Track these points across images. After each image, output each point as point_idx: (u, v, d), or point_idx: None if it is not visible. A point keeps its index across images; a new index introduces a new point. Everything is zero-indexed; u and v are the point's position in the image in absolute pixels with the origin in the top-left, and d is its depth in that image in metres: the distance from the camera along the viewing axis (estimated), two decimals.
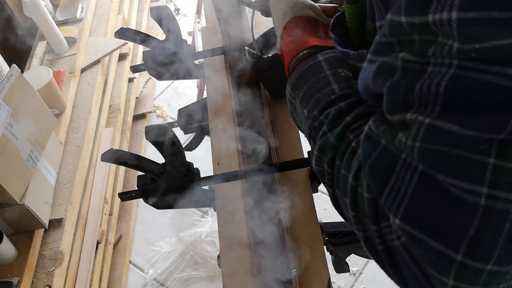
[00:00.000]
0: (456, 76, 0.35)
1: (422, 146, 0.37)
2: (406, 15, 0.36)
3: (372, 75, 0.43)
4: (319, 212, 0.82)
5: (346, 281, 1.77)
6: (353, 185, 0.47)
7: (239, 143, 0.93)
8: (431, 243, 0.38)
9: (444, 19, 0.34)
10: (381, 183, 0.42)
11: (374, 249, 0.46)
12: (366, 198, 0.45)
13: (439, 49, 0.35)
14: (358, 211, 0.47)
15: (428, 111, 0.37)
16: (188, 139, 2.00)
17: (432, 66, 0.36)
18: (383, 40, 0.41)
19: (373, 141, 0.44)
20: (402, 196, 0.40)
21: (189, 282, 1.83)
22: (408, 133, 0.38)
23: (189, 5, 3.00)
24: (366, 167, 0.44)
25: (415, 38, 0.37)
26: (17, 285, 1.30)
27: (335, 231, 0.93)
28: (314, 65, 0.62)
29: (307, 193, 0.85)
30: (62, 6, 2.19)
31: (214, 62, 1.11)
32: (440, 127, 0.36)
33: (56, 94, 1.69)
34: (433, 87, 0.36)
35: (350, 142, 0.50)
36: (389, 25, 0.39)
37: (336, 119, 0.53)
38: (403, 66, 0.39)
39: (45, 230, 1.46)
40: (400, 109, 0.39)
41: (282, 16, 0.71)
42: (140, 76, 2.43)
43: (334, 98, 0.56)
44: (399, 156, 0.41)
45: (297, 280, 0.74)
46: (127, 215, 1.99)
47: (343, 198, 0.50)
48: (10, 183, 1.27)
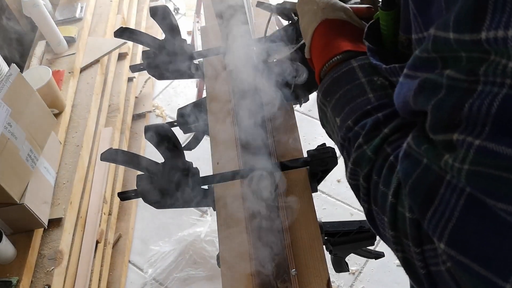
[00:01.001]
0: (510, 96, 0.33)
1: (471, 168, 0.36)
2: (454, 32, 0.35)
3: (413, 92, 0.41)
4: (319, 212, 0.82)
5: (345, 281, 1.77)
6: (393, 203, 0.45)
7: (239, 143, 0.93)
8: (479, 270, 0.36)
9: (499, 37, 0.32)
10: (424, 204, 0.40)
11: (414, 272, 0.44)
12: (408, 219, 0.43)
13: (492, 67, 0.34)
14: (397, 231, 0.45)
15: (478, 132, 0.35)
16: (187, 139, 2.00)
17: (483, 85, 0.35)
18: (425, 55, 0.39)
19: (413, 159, 0.42)
20: (447, 219, 0.38)
21: (188, 281, 1.83)
22: (456, 154, 0.37)
23: (189, 4, 3.00)
24: (407, 186, 0.42)
25: (462, 55, 0.36)
26: (17, 284, 1.30)
27: (334, 231, 0.93)
28: (348, 71, 0.59)
29: (306, 193, 0.85)
30: (61, 5, 2.19)
31: (214, 62, 1.11)
32: (492, 149, 0.34)
33: (55, 93, 1.69)
34: (485, 107, 0.34)
35: (388, 155, 0.48)
36: (432, 41, 0.38)
37: (373, 130, 0.51)
38: (448, 83, 0.37)
39: (44, 230, 1.46)
40: (445, 129, 0.37)
41: (312, 19, 0.67)
42: (140, 75, 2.43)
43: (370, 108, 0.53)
44: (443, 176, 0.39)
45: (296, 279, 0.74)
46: (127, 215, 1.99)
47: (380, 215, 0.48)
48: (9, 182, 1.27)
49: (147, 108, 2.37)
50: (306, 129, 2.24)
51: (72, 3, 2.18)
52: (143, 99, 2.41)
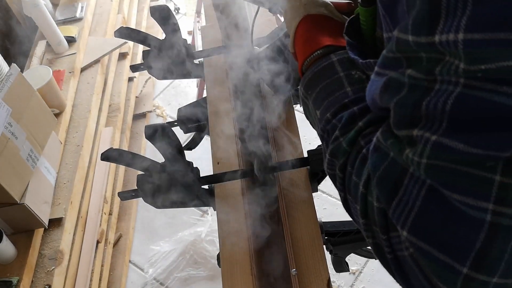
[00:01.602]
0: (463, 94, 0.35)
1: (429, 162, 0.38)
2: (412, 34, 0.37)
3: (379, 90, 0.43)
4: (319, 212, 0.82)
5: (345, 281, 1.77)
6: (363, 193, 0.48)
7: (239, 142, 0.93)
8: (438, 255, 0.39)
9: (450, 40, 0.34)
10: (390, 195, 0.43)
11: (383, 256, 0.46)
12: (376, 208, 0.46)
13: (446, 68, 0.36)
14: (368, 219, 0.48)
15: (435, 128, 0.37)
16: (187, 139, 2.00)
17: (439, 84, 0.36)
18: (391, 55, 0.41)
19: (382, 152, 0.44)
20: (410, 208, 0.40)
21: (189, 281, 1.83)
22: (415, 149, 0.39)
23: (189, 4, 3.00)
24: (375, 178, 0.45)
25: (422, 56, 0.37)
26: (17, 284, 1.30)
27: (334, 231, 0.93)
28: (328, 66, 0.62)
29: (306, 193, 0.85)
30: (61, 5, 2.19)
31: (214, 62, 1.11)
32: (446, 145, 0.36)
33: (56, 93, 1.69)
34: (440, 105, 0.36)
35: (361, 148, 0.50)
36: (396, 42, 0.39)
37: (348, 123, 0.53)
38: (410, 82, 0.39)
39: (44, 230, 1.46)
40: (407, 125, 0.40)
41: (295, 14, 0.70)
42: (140, 75, 2.43)
43: (347, 101, 0.56)
44: (407, 169, 0.41)
45: (296, 279, 0.74)
46: (127, 215, 1.99)
47: (353, 204, 0.51)
48: (9, 182, 1.27)
49: (148, 108, 2.37)
50: (306, 129, 2.23)
51: (73, 3, 2.18)
52: (143, 99, 2.41)
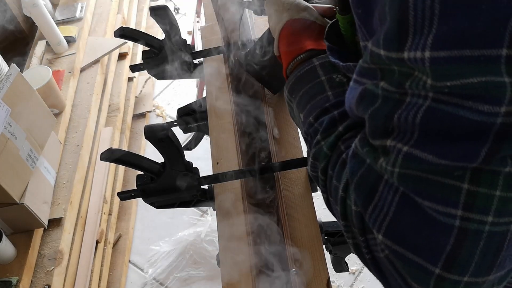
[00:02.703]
0: (431, 108, 0.36)
1: (401, 171, 0.40)
2: (384, 49, 0.38)
3: (356, 100, 0.45)
4: (319, 212, 0.82)
5: (345, 280, 1.77)
6: (342, 196, 0.50)
7: (239, 142, 0.93)
8: (412, 257, 0.41)
9: (418, 58, 0.35)
10: (366, 200, 0.45)
11: (362, 256, 0.49)
12: (354, 211, 0.47)
13: (415, 82, 0.37)
14: (347, 221, 0.50)
15: (406, 139, 0.39)
16: (187, 139, 2.00)
17: (410, 97, 0.38)
18: (366, 65, 0.43)
19: (359, 159, 0.46)
20: (385, 214, 0.43)
21: (188, 281, 1.83)
22: (388, 158, 0.41)
23: (189, 4, 3.00)
24: (353, 183, 0.47)
25: (395, 68, 0.39)
26: (17, 284, 1.30)
27: (334, 231, 0.93)
28: (310, 70, 0.63)
29: (306, 193, 0.85)
30: (61, 5, 2.19)
31: (214, 62, 1.11)
32: (417, 156, 0.38)
33: (56, 93, 1.69)
34: (410, 118, 0.38)
35: (342, 153, 0.52)
36: (370, 54, 0.41)
37: (329, 127, 0.55)
38: (383, 94, 0.41)
39: (44, 230, 1.46)
40: (380, 135, 0.42)
41: (278, 18, 0.71)
42: (140, 75, 2.43)
43: (328, 105, 0.57)
44: (382, 176, 0.43)
45: (296, 279, 0.74)
46: (127, 215, 1.99)
47: (335, 206, 0.53)
48: (9, 182, 1.27)
49: (147, 108, 2.37)
50: None
51: (72, 3, 2.18)
52: (143, 99, 2.41)
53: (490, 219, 0.38)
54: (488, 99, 0.34)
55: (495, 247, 0.39)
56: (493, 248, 0.39)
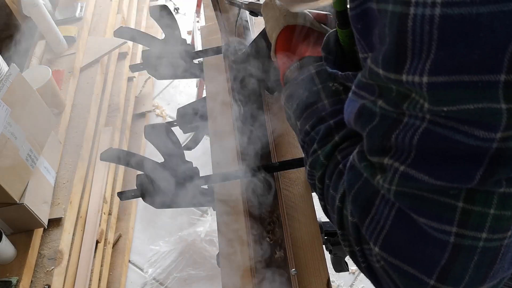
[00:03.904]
0: (428, 130, 0.37)
1: (397, 189, 0.41)
2: (382, 69, 0.38)
3: (354, 116, 0.45)
4: (318, 212, 0.82)
5: (345, 280, 1.77)
6: (339, 206, 0.50)
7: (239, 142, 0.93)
8: (407, 269, 0.43)
9: (416, 82, 0.36)
10: (363, 213, 0.46)
11: (358, 263, 0.50)
12: (350, 221, 0.49)
13: (412, 104, 0.38)
14: (344, 230, 0.51)
15: (403, 159, 0.40)
16: (187, 138, 2.00)
17: (407, 118, 0.39)
18: (364, 80, 0.43)
19: (356, 172, 0.47)
20: (381, 227, 0.44)
21: (188, 281, 1.83)
22: (385, 176, 0.42)
23: (189, 4, 3.00)
24: (350, 196, 0.48)
25: (392, 87, 0.39)
26: (16, 284, 1.30)
27: (334, 230, 0.93)
28: (307, 78, 0.63)
29: (306, 193, 0.85)
30: (61, 5, 2.19)
31: (214, 61, 1.11)
32: (413, 176, 0.39)
33: (55, 93, 1.69)
34: (408, 139, 0.38)
35: (338, 163, 0.52)
36: (368, 71, 0.41)
37: (325, 136, 0.55)
38: (381, 113, 0.41)
39: (44, 230, 1.46)
40: (378, 153, 0.42)
41: (275, 24, 0.72)
42: (140, 75, 2.43)
43: (324, 114, 0.58)
44: (378, 190, 0.44)
45: (296, 279, 0.74)
46: (127, 215, 1.99)
47: (332, 214, 0.54)
48: (9, 182, 1.26)
49: (147, 108, 2.37)
50: None
51: (72, 3, 2.18)
52: (143, 98, 2.41)
53: (484, 236, 0.39)
54: (484, 125, 0.34)
55: (489, 261, 0.40)
56: (487, 262, 0.40)
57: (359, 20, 0.43)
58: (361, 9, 0.42)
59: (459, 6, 0.32)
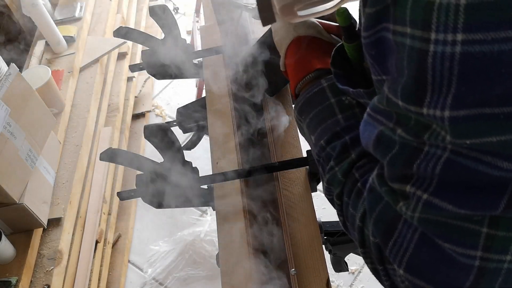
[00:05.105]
0: (450, 160, 0.38)
1: (421, 216, 0.41)
2: (402, 101, 0.39)
3: (372, 143, 0.46)
4: (318, 211, 0.82)
5: (345, 280, 1.77)
6: (360, 226, 0.51)
7: (239, 142, 0.93)
8: None
9: (437, 116, 0.36)
10: (385, 235, 0.46)
11: (381, 281, 0.51)
12: (372, 242, 0.49)
13: (434, 136, 0.38)
14: (365, 248, 0.51)
15: (425, 187, 0.40)
16: (187, 138, 2.00)
17: (428, 147, 0.39)
18: (381, 107, 0.43)
19: (376, 195, 0.47)
20: (404, 250, 0.44)
21: (188, 281, 1.83)
22: (408, 204, 0.42)
23: (188, 4, 3.00)
24: (371, 218, 0.48)
25: (411, 116, 0.40)
26: (16, 284, 1.30)
27: (334, 230, 0.93)
28: (319, 92, 0.63)
29: (306, 193, 0.85)
30: (60, 5, 2.19)
31: (213, 61, 1.11)
32: (436, 204, 0.40)
33: (55, 93, 1.69)
34: (430, 168, 0.39)
35: (356, 181, 0.53)
36: (386, 99, 0.41)
37: (342, 153, 0.56)
38: (400, 141, 0.42)
39: (43, 230, 1.46)
40: (399, 180, 0.43)
41: (285, 34, 0.71)
42: (139, 75, 2.43)
43: (339, 129, 0.58)
44: (401, 214, 0.44)
45: (296, 279, 0.74)
46: (126, 215, 1.99)
47: (352, 231, 0.54)
48: (8, 182, 1.26)
49: (147, 108, 2.37)
50: None
51: (72, 3, 2.18)
52: (142, 98, 2.41)
53: (509, 258, 0.39)
54: (506, 156, 0.35)
55: None
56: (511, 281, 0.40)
57: (373, 47, 0.43)
58: (375, 38, 0.42)
59: (481, 44, 0.32)
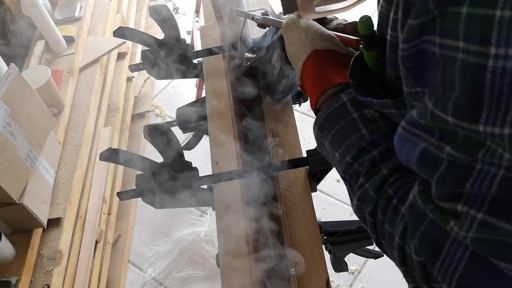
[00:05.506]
0: (507, 177, 0.37)
1: (475, 236, 0.40)
2: (453, 117, 0.37)
3: (416, 160, 0.44)
4: (318, 212, 0.82)
5: (344, 280, 1.77)
6: (400, 244, 0.49)
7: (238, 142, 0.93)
8: None
9: (496, 133, 0.35)
10: (433, 255, 0.44)
11: None
12: (415, 260, 0.47)
13: (489, 154, 0.37)
14: (407, 266, 0.50)
15: (478, 205, 0.38)
16: (186, 138, 2.00)
17: (481, 164, 0.38)
18: (423, 122, 0.42)
19: (419, 212, 0.45)
20: (454, 268, 0.43)
21: (188, 281, 1.83)
22: (461, 224, 0.41)
23: (188, 4, 3.00)
24: (415, 238, 0.46)
25: (459, 132, 0.38)
26: (16, 284, 1.30)
27: (333, 230, 0.93)
28: (340, 107, 0.61)
29: (306, 193, 0.85)
30: (60, 5, 2.19)
31: (213, 61, 1.11)
32: (493, 224, 0.38)
33: (55, 93, 1.69)
34: (485, 187, 0.38)
35: (391, 197, 0.51)
36: (430, 115, 0.40)
37: (371, 169, 0.54)
38: (449, 159, 0.40)
39: (43, 230, 1.46)
40: (449, 199, 0.41)
41: (302, 48, 0.69)
42: (139, 75, 2.43)
43: (365, 144, 0.56)
44: (448, 232, 0.43)
45: (296, 279, 0.74)
46: (126, 215, 1.99)
47: (390, 249, 0.52)
48: (8, 182, 1.26)
49: (147, 108, 2.37)
50: (306, 129, 2.23)
51: (72, 3, 2.18)
52: (142, 98, 2.41)
53: None
54: None
55: None
56: None
57: (411, 60, 0.42)
58: (415, 50, 0.41)
59: None
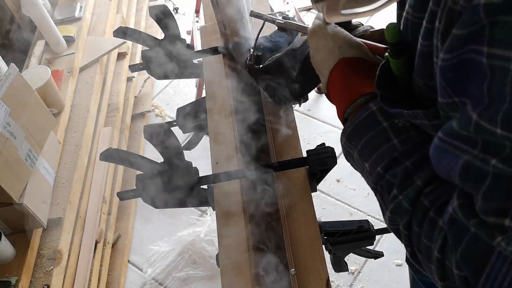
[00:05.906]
0: None
1: None
2: (502, 129, 0.37)
3: (458, 173, 0.43)
4: (318, 212, 0.82)
5: (344, 280, 1.77)
6: (439, 258, 0.49)
7: (238, 142, 0.93)
8: None
9: None
10: (476, 270, 0.44)
11: None
12: (457, 275, 0.47)
13: None
14: (447, 281, 0.49)
15: None
16: (186, 138, 2.00)
17: None
18: (465, 133, 0.41)
19: (461, 226, 0.45)
20: (499, 284, 0.42)
21: (188, 281, 1.83)
22: (509, 239, 0.40)
23: (188, 4, 3.00)
24: (457, 252, 0.46)
25: (506, 144, 0.38)
26: (16, 284, 1.30)
27: (333, 230, 0.93)
28: (369, 116, 0.60)
29: (306, 193, 0.85)
30: (60, 5, 2.19)
31: (213, 61, 1.11)
32: None
33: (55, 93, 1.69)
34: None
35: (427, 209, 0.50)
36: (475, 126, 0.39)
37: (404, 180, 0.53)
38: (494, 172, 0.40)
39: (43, 230, 1.46)
40: (495, 214, 0.41)
41: (329, 56, 0.67)
42: (139, 75, 2.43)
43: (397, 155, 0.55)
44: (492, 246, 0.42)
45: (296, 279, 0.74)
46: (126, 215, 1.99)
47: (426, 263, 0.52)
48: (8, 182, 1.26)
49: (147, 108, 2.37)
50: (306, 129, 2.24)
51: (71, 3, 2.18)
52: (142, 98, 2.41)
53: None
54: None
55: None
56: None
57: (453, 70, 0.42)
58: (458, 60, 0.40)
59: None
